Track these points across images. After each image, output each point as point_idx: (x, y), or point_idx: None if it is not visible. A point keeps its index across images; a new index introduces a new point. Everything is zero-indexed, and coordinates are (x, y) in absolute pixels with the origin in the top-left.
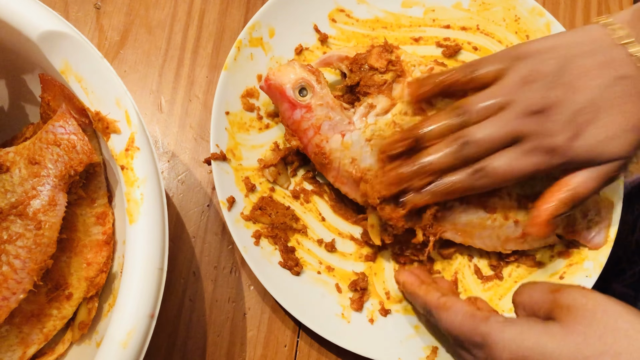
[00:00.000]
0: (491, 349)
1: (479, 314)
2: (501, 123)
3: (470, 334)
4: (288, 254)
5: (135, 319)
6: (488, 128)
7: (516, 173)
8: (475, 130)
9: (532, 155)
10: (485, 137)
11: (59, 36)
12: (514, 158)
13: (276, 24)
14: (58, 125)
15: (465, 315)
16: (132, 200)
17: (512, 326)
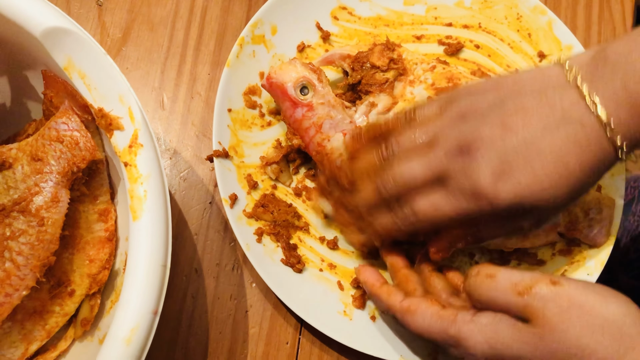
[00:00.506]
0: (463, 349)
1: (445, 315)
2: (426, 160)
3: (442, 337)
4: (290, 252)
5: (139, 316)
6: (412, 165)
7: (441, 216)
8: (398, 167)
9: (456, 198)
10: (408, 174)
11: (62, 32)
12: (438, 200)
13: (278, 22)
14: (61, 121)
15: (432, 318)
16: (135, 197)
17: (482, 329)
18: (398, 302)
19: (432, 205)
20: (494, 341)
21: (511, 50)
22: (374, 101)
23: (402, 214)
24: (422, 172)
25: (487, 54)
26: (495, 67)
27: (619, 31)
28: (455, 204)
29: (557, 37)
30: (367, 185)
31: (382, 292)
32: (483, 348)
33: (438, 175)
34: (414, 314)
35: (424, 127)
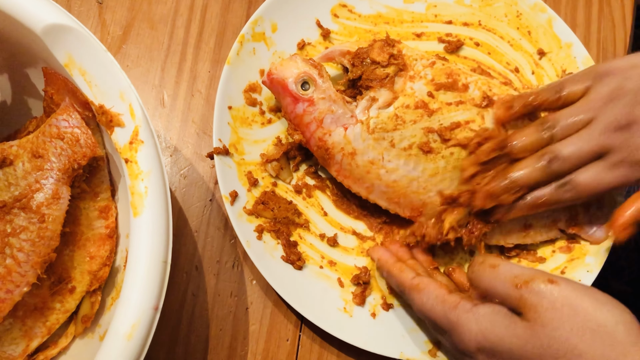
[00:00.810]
0: (459, 337)
1: (448, 300)
2: (587, 138)
3: (440, 320)
4: (290, 248)
5: (140, 312)
6: (575, 143)
7: (602, 186)
8: (562, 146)
9: (618, 169)
10: (573, 153)
11: (63, 29)
12: (600, 172)
13: (279, 19)
14: (62, 118)
15: (436, 300)
16: (136, 193)
17: (480, 319)
18: (409, 278)
19: (594, 178)
20: (489, 332)
21: (511, 48)
22: (374, 96)
23: (563, 186)
24: (585, 149)
25: (487, 51)
26: (495, 65)
27: (618, 29)
28: (617, 173)
29: (556, 35)
30: (529, 162)
31: (395, 268)
32: (477, 338)
33: (599, 151)
34: (420, 292)
35: (578, 107)
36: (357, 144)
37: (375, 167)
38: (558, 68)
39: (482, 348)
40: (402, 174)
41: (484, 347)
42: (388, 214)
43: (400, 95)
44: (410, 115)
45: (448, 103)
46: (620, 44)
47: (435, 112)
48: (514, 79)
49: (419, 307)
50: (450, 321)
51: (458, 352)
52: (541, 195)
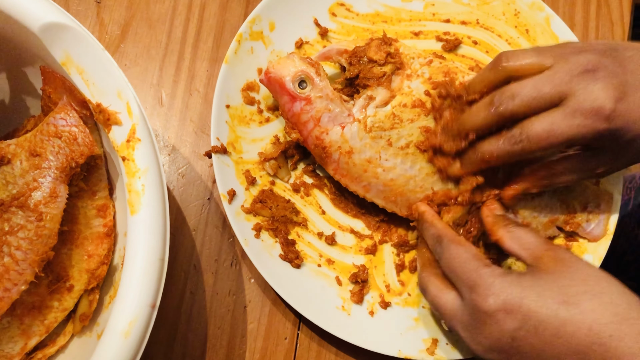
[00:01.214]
0: (484, 292)
1: (484, 260)
2: (547, 80)
3: (469, 274)
4: (288, 247)
5: (137, 309)
6: (533, 84)
7: (555, 137)
8: (519, 86)
9: (574, 118)
10: (529, 94)
11: (60, 28)
12: (555, 120)
13: (276, 18)
14: (59, 117)
15: (473, 257)
16: (133, 191)
17: (510, 274)
18: (452, 234)
19: (548, 126)
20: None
21: (509, 46)
22: (371, 95)
23: (513, 136)
24: (543, 89)
25: (485, 50)
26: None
27: (617, 27)
28: (572, 123)
29: (554, 33)
30: (480, 103)
31: (440, 223)
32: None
33: (557, 95)
34: (460, 245)
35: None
36: (354, 143)
37: (372, 165)
38: None
39: (508, 300)
40: (399, 173)
41: (510, 298)
42: (386, 212)
43: (397, 93)
44: (407, 114)
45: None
46: None
47: (432, 110)
48: None
49: (450, 259)
50: (481, 274)
51: (475, 310)
52: (490, 148)
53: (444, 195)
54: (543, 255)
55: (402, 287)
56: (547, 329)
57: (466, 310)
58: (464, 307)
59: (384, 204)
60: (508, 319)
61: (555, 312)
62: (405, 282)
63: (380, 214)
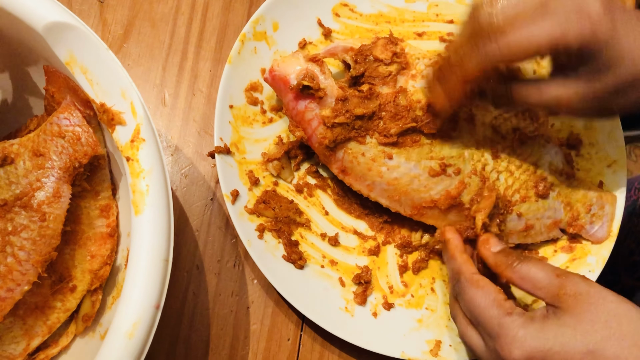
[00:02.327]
0: (508, 343)
1: (505, 305)
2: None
3: (491, 322)
4: (292, 248)
5: (141, 310)
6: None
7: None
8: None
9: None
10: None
11: (65, 27)
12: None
13: (280, 18)
14: (63, 117)
15: (493, 302)
16: (137, 192)
17: (533, 323)
18: (470, 272)
19: (527, 33)
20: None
21: None
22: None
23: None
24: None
25: None
26: None
27: None
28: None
29: None
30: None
31: (461, 257)
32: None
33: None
34: (478, 289)
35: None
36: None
37: (376, 164)
38: None
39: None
40: (404, 172)
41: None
42: (389, 213)
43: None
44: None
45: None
46: None
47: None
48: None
49: (470, 303)
50: (502, 325)
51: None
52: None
53: (449, 198)
54: (560, 294)
55: (406, 288)
56: None
57: (491, 356)
58: (488, 351)
59: (387, 204)
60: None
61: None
62: (409, 283)
63: (384, 215)
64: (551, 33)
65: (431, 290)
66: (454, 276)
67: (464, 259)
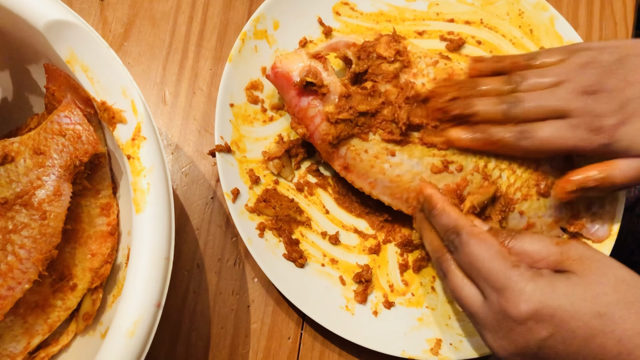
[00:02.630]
0: (515, 297)
1: (510, 258)
2: (552, 97)
3: (497, 275)
4: (292, 246)
5: (142, 308)
6: (539, 98)
7: (560, 143)
8: (527, 96)
9: (577, 130)
10: (535, 106)
11: (65, 25)
12: (560, 128)
13: (281, 17)
14: (63, 115)
15: (498, 254)
16: (138, 190)
17: (541, 278)
18: (470, 224)
19: (553, 132)
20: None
21: (513, 46)
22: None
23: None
24: (548, 105)
25: (489, 49)
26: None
27: (620, 27)
28: (575, 134)
29: (558, 33)
30: (491, 99)
31: (453, 210)
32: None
33: (561, 111)
34: (480, 241)
35: (548, 70)
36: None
37: (379, 161)
38: None
39: (540, 309)
40: (406, 169)
41: (542, 306)
42: (390, 212)
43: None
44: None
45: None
46: None
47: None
48: None
49: (473, 255)
50: (509, 277)
51: (503, 314)
52: (498, 133)
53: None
54: (563, 260)
55: (406, 287)
56: (576, 339)
57: (491, 312)
58: (488, 307)
59: (390, 201)
60: (539, 327)
61: (587, 324)
62: (409, 282)
63: (385, 214)
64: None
65: (432, 289)
66: (451, 230)
67: (458, 211)
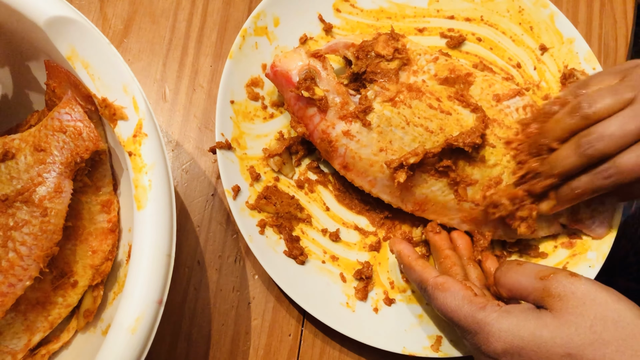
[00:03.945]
0: (485, 338)
1: (476, 301)
2: (632, 115)
3: (466, 320)
4: (293, 243)
5: (144, 305)
6: (617, 122)
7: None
8: (602, 126)
9: None
10: (615, 132)
11: (66, 22)
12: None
13: (281, 13)
14: (64, 112)
15: (463, 300)
16: (140, 187)
17: (509, 317)
18: (432, 276)
19: (638, 158)
20: (518, 328)
21: (513, 43)
22: (378, 90)
23: (604, 171)
24: (629, 127)
25: (489, 46)
26: (497, 60)
27: (620, 25)
28: None
29: (558, 30)
30: (566, 147)
31: (417, 265)
32: (506, 337)
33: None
34: (445, 291)
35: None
36: (361, 137)
37: (378, 159)
38: (560, 63)
39: (510, 348)
40: None
41: (511, 346)
42: (390, 209)
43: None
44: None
45: (449, 98)
46: (621, 41)
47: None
48: (516, 75)
49: (442, 307)
50: (478, 321)
51: (482, 354)
52: (578, 185)
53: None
54: (544, 297)
55: (406, 284)
56: None
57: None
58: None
59: (389, 199)
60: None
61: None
62: None
63: (385, 211)
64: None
65: None
66: (419, 285)
67: (422, 265)
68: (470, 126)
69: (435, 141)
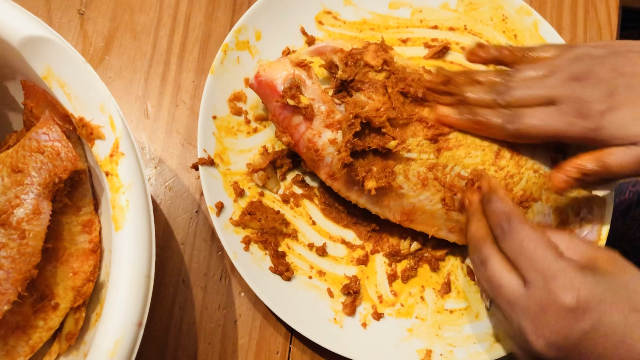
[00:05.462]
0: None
1: (558, 250)
2: (541, 85)
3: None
4: (278, 259)
5: (123, 328)
6: (528, 87)
7: (546, 129)
8: (516, 84)
9: (565, 115)
10: (524, 94)
11: (41, 41)
12: (548, 114)
13: (263, 27)
14: (41, 132)
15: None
16: (117, 207)
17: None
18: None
19: (542, 119)
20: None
21: None
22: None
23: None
24: (537, 94)
25: None
26: (482, 69)
27: (604, 31)
28: (562, 120)
29: (543, 38)
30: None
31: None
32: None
33: (549, 98)
34: (531, 229)
35: (542, 63)
36: None
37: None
38: None
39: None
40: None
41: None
42: (377, 221)
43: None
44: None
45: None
46: None
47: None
48: None
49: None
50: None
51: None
52: (485, 115)
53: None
54: (597, 258)
55: (395, 297)
56: (615, 334)
57: (533, 300)
58: (530, 295)
59: (376, 209)
60: (584, 317)
61: (625, 318)
62: (398, 292)
63: (372, 223)
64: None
65: (421, 299)
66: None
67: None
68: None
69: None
